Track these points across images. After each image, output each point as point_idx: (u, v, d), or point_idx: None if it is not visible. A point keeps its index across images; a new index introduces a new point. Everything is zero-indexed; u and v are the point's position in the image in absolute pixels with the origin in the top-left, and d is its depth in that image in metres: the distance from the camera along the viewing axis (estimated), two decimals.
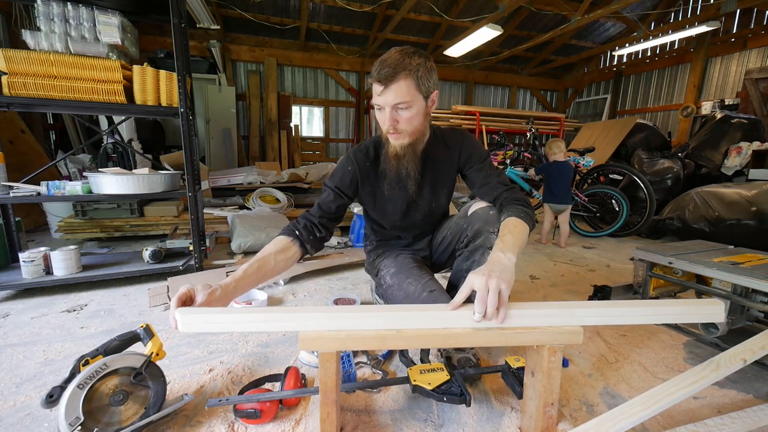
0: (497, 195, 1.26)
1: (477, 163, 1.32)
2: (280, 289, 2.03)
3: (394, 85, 1.07)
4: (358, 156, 1.31)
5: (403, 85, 1.07)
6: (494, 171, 1.32)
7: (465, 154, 1.33)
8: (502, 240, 1.00)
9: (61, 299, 1.84)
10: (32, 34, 1.75)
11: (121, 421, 0.91)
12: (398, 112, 1.12)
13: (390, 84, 1.07)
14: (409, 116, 1.13)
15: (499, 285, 0.82)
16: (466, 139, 1.35)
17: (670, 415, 1.06)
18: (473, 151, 1.33)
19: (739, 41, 5.50)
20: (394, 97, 1.08)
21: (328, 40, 6.70)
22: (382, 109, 1.12)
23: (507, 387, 1.17)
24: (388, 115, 1.11)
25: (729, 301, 1.38)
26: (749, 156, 3.63)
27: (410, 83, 1.08)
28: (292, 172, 4.18)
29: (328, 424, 0.86)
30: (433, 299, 1.17)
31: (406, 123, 1.14)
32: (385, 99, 1.09)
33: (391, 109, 1.10)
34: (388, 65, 1.07)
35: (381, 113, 1.14)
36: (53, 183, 1.84)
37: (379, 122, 1.16)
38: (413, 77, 1.08)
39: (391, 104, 1.09)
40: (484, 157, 1.33)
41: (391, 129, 1.14)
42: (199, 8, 4.39)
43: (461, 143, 1.33)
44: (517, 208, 1.14)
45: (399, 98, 1.08)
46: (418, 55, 1.10)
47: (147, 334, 1.01)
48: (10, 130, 3.35)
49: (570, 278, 2.31)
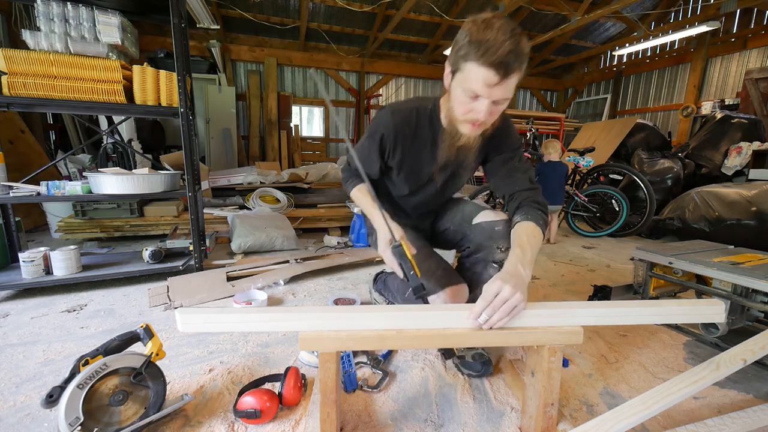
0: (517, 192, 1.16)
1: (507, 152, 1.19)
2: (280, 289, 2.03)
3: (512, 79, 0.89)
4: (398, 121, 1.15)
5: (514, 80, 0.90)
6: (523, 166, 1.19)
7: (497, 140, 1.17)
8: (522, 251, 0.95)
9: (61, 299, 1.83)
10: (32, 34, 1.75)
11: (121, 421, 0.91)
12: (495, 105, 0.94)
13: (509, 76, 0.87)
14: (501, 110, 0.99)
15: (518, 303, 0.82)
16: (503, 124, 1.17)
17: (670, 415, 1.06)
18: (508, 138, 1.19)
19: (739, 41, 5.49)
20: (503, 92, 0.91)
21: (328, 40, 6.70)
22: (477, 98, 0.93)
23: (507, 387, 1.18)
24: (486, 108, 0.93)
25: (729, 301, 1.38)
26: (749, 156, 3.63)
27: (520, 76, 0.91)
28: (292, 172, 4.17)
29: (328, 424, 0.86)
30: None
31: (493, 116, 0.99)
32: (494, 92, 0.90)
33: (492, 102, 0.93)
34: (513, 52, 0.85)
35: (474, 102, 0.94)
36: (53, 183, 1.84)
37: (459, 104, 0.98)
38: (524, 69, 0.90)
39: (498, 98, 0.92)
40: (516, 147, 1.20)
41: (480, 120, 0.97)
42: (199, 8, 4.39)
43: (496, 127, 1.12)
44: (536, 213, 1.09)
45: (508, 94, 0.92)
46: (525, 37, 0.89)
47: (147, 334, 1.01)
48: (10, 130, 3.35)
49: (570, 278, 2.31)
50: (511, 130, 1.20)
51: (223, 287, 1.93)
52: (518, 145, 1.21)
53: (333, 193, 3.94)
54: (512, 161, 1.19)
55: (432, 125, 1.17)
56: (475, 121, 0.98)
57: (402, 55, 7.47)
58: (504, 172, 1.20)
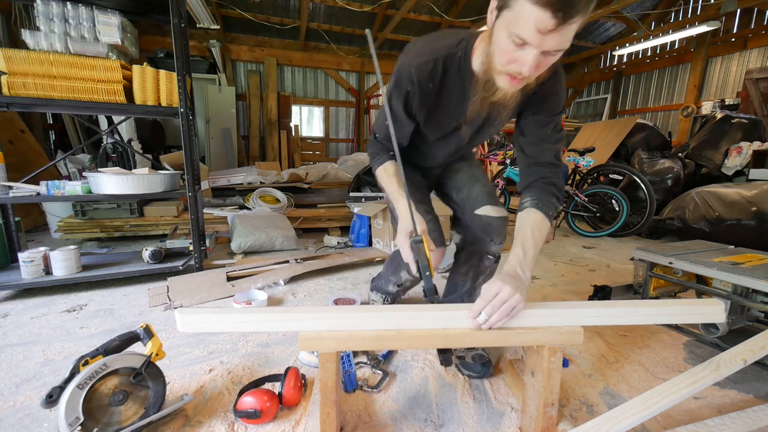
0: (537, 166, 1.05)
1: (545, 114, 1.03)
2: (280, 289, 2.03)
3: (572, 25, 0.71)
4: (422, 77, 0.98)
5: (575, 27, 0.72)
6: (554, 136, 1.05)
7: (538, 97, 1.00)
8: (524, 251, 0.91)
9: (60, 299, 1.83)
10: (32, 33, 1.75)
11: (121, 421, 0.91)
12: (545, 57, 0.77)
13: (570, 21, 0.69)
14: (551, 64, 0.81)
15: (518, 304, 0.82)
16: (552, 79, 0.97)
17: (670, 415, 1.06)
18: (552, 98, 1.01)
19: (739, 41, 5.50)
20: (559, 41, 0.73)
21: (328, 40, 6.70)
22: (524, 45, 0.75)
23: (507, 387, 1.18)
24: (533, 61, 0.76)
25: (729, 301, 1.38)
26: (749, 156, 3.63)
27: (583, 22, 0.73)
28: (292, 172, 4.18)
29: (328, 424, 0.86)
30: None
31: (540, 70, 0.81)
32: (547, 41, 0.72)
33: (541, 52, 0.75)
34: None
35: (520, 50, 0.77)
36: (53, 183, 1.84)
37: (500, 51, 0.80)
38: (590, 11, 0.73)
39: (550, 49, 0.75)
40: (557, 111, 1.03)
41: (524, 74, 0.80)
42: (199, 8, 4.39)
43: (542, 81, 0.93)
44: (548, 201, 1.01)
45: (563, 44, 0.75)
46: None
47: (147, 334, 1.01)
48: (10, 130, 3.35)
49: (570, 278, 2.31)
50: (558, 87, 1.01)
51: (223, 287, 1.93)
52: (560, 109, 1.04)
53: (333, 193, 3.94)
54: (546, 127, 1.04)
55: (462, 74, 0.98)
56: (517, 74, 0.81)
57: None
58: (532, 138, 1.05)
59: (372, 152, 1.18)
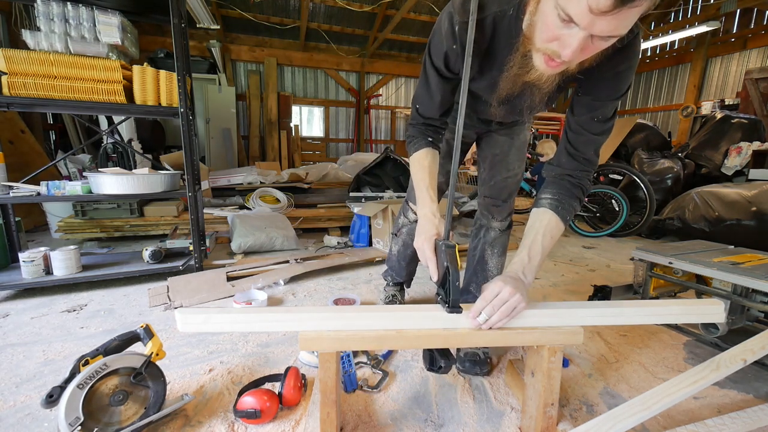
0: (571, 157, 0.96)
1: (595, 98, 0.89)
2: (280, 289, 2.03)
3: (634, 9, 0.60)
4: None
5: (636, 13, 0.62)
6: (601, 126, 0.92)
7: (595, 77, 0.85)
8: (530, 257, 0.90)
9: (61, 299, 1.83)
10: (32, 34, 1.75)
11: (121, 421, 0.91)
12: (593, 41, 0.66)
13: (631, 5, 0.58)
14: (599, 49, 0.70)
15: (518, 304, 0.82)
16: (618, 55, 0.81)
17: (670, 415, 1.06)
18: (610, 80, 0.87)
19: (739, 41, 5.50)
20: (613, 26, 0.62)
21: (328, 40, 6.71)
22: (570, 24, 0.64)
23: (507, 387, 1.18)
24: (578, 44, 0.65)
25: (729, 301, 1.38)
26: (749, 156, 3.63)
27: (646, 10, 0.63)
28: (292, 172, 4.18)
29: (328, 424, 0.86)
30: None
31: (584, 56, 0.71)
32: (597, 24, 0.62)
33: (589, 36, 0.65)
34: None
35: (565, 29, 0.66)
36: (53, 183, 1.84)
37: (543, 25, 0.69)
38: (653, 2, 0.63)
39: (602, 33, 0.64)
40: (615, 97, 0.89)
41: (563, 58, 0.69)
42: (199, 8, 4.40)
43: (606, 55, 0.77)
44: (569, 203, 0.95)
45: (619, 29, 0.64)
46: None
47: (147, 334, 1.01)
48: (10, 130, 3.35)
49: (570, 278, 2.31)
50: (624, 66, 0.85)
51: (223, 287, 1.93)
52: (617, 94, 0.89)
53: (333, 193, 3.94)
54: (594, 113, 0.90)
55: (511, 36, 0.84)
56: (555, 55, 0.70)
57: (402, 56, 7.48)
58: (575, 122, 0.93)
59: (410, 134, 1.10)
